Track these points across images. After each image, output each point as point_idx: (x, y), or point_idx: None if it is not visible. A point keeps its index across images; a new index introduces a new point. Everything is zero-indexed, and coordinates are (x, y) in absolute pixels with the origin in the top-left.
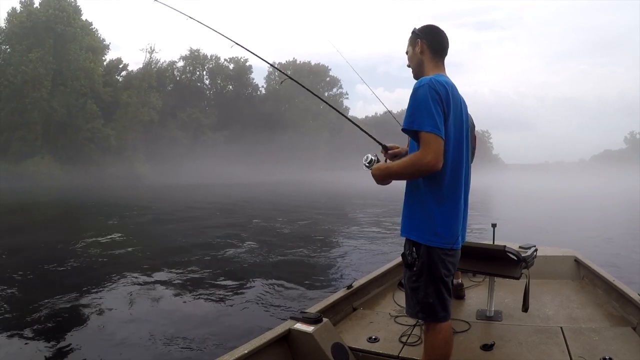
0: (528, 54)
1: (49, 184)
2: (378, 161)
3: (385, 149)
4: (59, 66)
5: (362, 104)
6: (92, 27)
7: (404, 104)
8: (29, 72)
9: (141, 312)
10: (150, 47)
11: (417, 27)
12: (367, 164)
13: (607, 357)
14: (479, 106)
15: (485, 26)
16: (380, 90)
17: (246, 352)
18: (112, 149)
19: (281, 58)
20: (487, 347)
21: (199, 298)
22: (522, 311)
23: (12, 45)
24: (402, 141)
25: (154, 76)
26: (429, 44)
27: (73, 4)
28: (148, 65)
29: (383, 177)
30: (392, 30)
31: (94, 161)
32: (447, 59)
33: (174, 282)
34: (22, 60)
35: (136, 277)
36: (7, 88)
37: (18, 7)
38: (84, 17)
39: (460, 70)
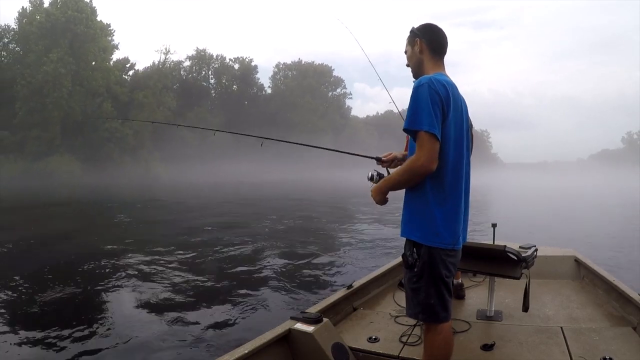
0: (526, 53)
1: (70, 182)
2: (378, 175)
3: (379, 160)
4: (77, 66)
5: (360, 102)
6: (110, 28)
7: (403, 103)
8: (50, 72)
9: (141, 311)
10: (166, 48)
11: (415, 26)
12: (372, 181)
13: (607, 357)
14: (478, 105)
15: (484, 26)
16: (378, 89)
17: (246, 352)
18: (129, 149)
19: (282, 56)
20: (487, 347)
21: (199, 298)
22: (523, 311)
23: (29, 46)
24: (403, 139)
25: (169, 77)
26: (428, 43)
27: (89, 5)
28: (162, 64)
29: (381, 193)
30: (390, 29)
31: (113, 160)
32: (445, 58)
33: (174, 281)
34: (42, 60)
35: (138, 276)
36: (25, 88)
37: (28, 6)
38: (98, 18)
39: (459, 69)
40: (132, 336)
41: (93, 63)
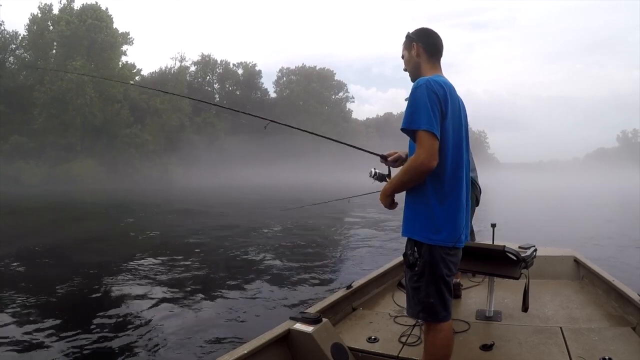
0: (522, 53)
1: (97, 188)
2: (380, 173)
3: (383, 158)
4: (98, 74)
5: (356, 104)
6: (130, 36)
7: (398, 104)
8: (74, 80)
9: (141, 310)
10: (181, 56)
11: (410, 31)
12: (373, 177)
13: (606, 357)
14: (473, 106)
15: (479, 26)
16: (373, 90)
17: (246, 352)
18: (147, 153)
19: (276, 58)
20: (486, 347)
21: (199, 298)
22: (522, 311)
23: (43, 53)
24: (403, 141)
25: (184, 83)
26: (425, 47)
27: (106, 13)
28: (171, 70)
29: (386, 196)
30: (386, 31)
31: (133, 165)
32: (441, 60)
33: (174, 282)
34: (61, 67)
35: (139, 275)
36: (45, 94)
37: (37, 12)
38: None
39: (454, 70)
40: (132, 335)
41: (113, 70)
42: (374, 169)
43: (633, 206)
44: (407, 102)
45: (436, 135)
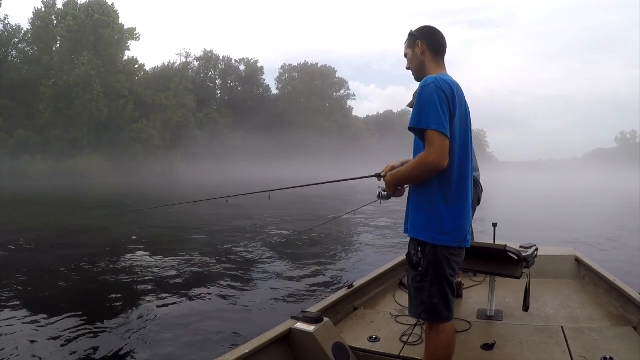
0: (521, 52)
1: (105, 183)
2: (381, 195)
3: (378, 176)
4: (105, 69)
5: (356, 101)
6: (136, 32)
7: (397, 101)
8: (82, 75)
9: (141, 308)
10: (186, 52)
11: (414, 29)
12: (380, 199)
13: (607, 357)
14: (472, 104)
15: (479, 24)
16: (372, 87)
17: (247, 351)
18: (153, 149)
19: (276, 54)
20: (487, 347)
21: (200, 296)
22: (523, 311)
23: (46, 47)
24: (404, 139)
25: (189, 79)
26: (429, 45)
27: (112, 8)
28: (173, 65)
29: (394, 184)
30: (385, 28)
31: (139, 160)
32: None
33: (174, 279)
34: (67, 62)
35: (139, 272)
36: (51, 89)
37: (41, 7)
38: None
39: (453, 68)
40: (131, 333)
41: (120, 65)
42: (379, 189)
43: (633, 206)
44: (412, 100)
45: (446, 135)
